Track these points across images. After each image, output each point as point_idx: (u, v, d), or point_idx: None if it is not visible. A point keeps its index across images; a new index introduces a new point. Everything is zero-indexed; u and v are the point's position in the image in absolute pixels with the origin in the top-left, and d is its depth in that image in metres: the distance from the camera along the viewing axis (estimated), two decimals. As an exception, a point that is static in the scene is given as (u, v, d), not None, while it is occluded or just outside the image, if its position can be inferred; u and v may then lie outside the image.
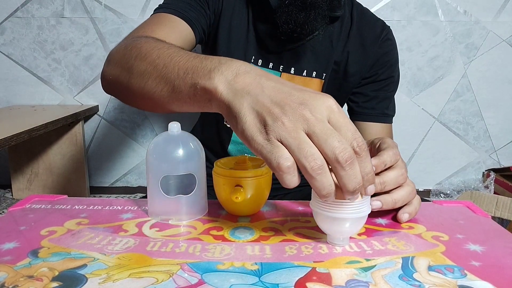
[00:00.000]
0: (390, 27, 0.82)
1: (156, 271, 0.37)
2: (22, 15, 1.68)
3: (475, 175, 1.85)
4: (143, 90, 0.49)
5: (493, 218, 0.88)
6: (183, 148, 0.47)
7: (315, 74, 0.78)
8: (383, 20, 0.82)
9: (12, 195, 1.80)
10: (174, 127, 0.48)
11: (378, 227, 0.47)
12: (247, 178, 0.48)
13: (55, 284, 0.34)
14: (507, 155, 1.84)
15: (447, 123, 1.80)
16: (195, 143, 0.49)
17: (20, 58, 1.73)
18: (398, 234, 0.45)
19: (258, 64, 0.77)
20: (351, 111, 0.84)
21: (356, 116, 0.83)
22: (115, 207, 0.53)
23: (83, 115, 1.65)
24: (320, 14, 0.69)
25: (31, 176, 1.77)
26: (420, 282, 0.35)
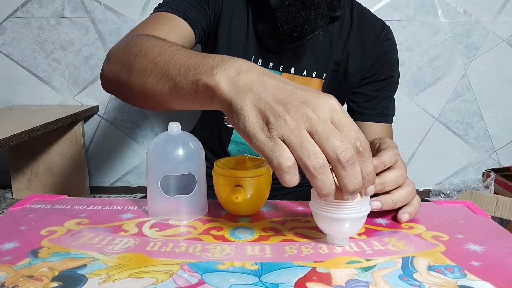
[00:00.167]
0: (390, 27, 0.82)
1: (156, 271, 0.37)
2: (22, 15, 1.68)
3: (475, 175, 1.85)
4: (143, 87, 0.49)
5: (493, 218, 0.88)
6: (183, 148, 0.47)
7: (315, 74, 0.78)
8: (383, 20, 0.82)
9: (12, 195, 1.80)
10: (174, 127, 0.48)
11: (378, 227, 0.47)
12: (247, 178, 0.48)
13: (55, 284, 0.34)
14: (507, 155, 1.84)
15: (447, 123, 1.80)
16: (195, 143, 0.49)
17: (20, 58, 1.73)
18: (398, 234, 0.45)
19: (258, 64, 0.77)
20: (351, 111, 0.84)
21: (356, 116, 0.83)
22: (115, 207, 0.53)
23: (83, 115, 1.65)
24: (320, 14, 0.69)
25: (31, 176, 1.77)
26: (420, 282, 0.35)
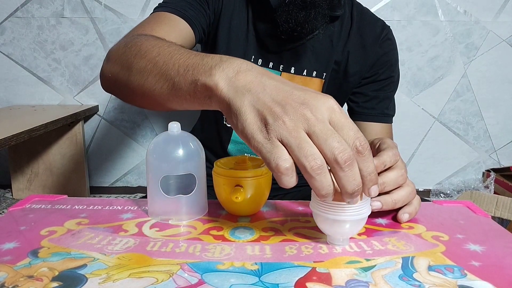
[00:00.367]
0: (390, 27, 0.82)
1: (156, 271, 0.37)
2: (22, 15, 1.68)
3: (475, 175, 1.85)
4: (142, 87, 0.49)
5: (493, 218, 0.88)
6: (183, 148, 0.47)
7: (315, 73, 0.78)
8: (383, 20, 0.82)
9: (12, 195, 1.80)
10: (174, 127, 0.48)
11: (378, 227, 0.47)
12: (247, 178, 0.48)
13: (55, 284, 0.34)
14: (507, 155, 1.84)
15: (447, 123, 1.80)
16: (195, 143, 0.49)
17: (20, 58, 1.73)
18: (398, 234, 0.45)
19: (258, 63, 0.77)
20: (351, 111, 0.84)
21: (356, 116, 0.83)
22: (115, 207, 0.53)
23: (83, 115, 1.65)
24: (320, 13, 0.69)
25: (31, 176, 1.77)
26: (420, 282, 0.35)
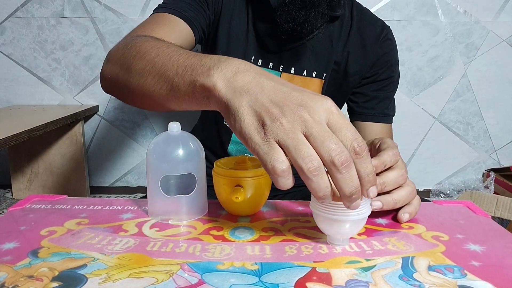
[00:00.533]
0: (390, 27, 0.82)
1: (156, 271, 0.37)
2: (22, 15, 1.68)
3: (475, 175, 1.85)
4: (142, 88, 0.49)
5: (493, 218, 0.88)
6: (183, 148, 0.47)
7: (315, 74, 0.78)
8: (383, 20, 0.82)
9: (12, 195, 1.80)
10: (174, 127, 0.48)
11: (378, 227, 0.47)
12: (247, 178, 0.48)
13: (55, 284, 0.34)
14: (507, 155, 1.84)
15: (447, 123, 1.80)
16: (195, 143, 0.49)
17: (20, 58, 1.73)
18: (398, 234, 0.45)
19: (258, 64, 0.77)
20: (351, 111, 0.84)
21: (356, 116, 0.83)
22: (115, 207, 0.53)
23: (83, 115, 1.65)
24: (320, 13, 0.69)
25: (31, 176, 1.77)
26: (420, 282, 0.35)
